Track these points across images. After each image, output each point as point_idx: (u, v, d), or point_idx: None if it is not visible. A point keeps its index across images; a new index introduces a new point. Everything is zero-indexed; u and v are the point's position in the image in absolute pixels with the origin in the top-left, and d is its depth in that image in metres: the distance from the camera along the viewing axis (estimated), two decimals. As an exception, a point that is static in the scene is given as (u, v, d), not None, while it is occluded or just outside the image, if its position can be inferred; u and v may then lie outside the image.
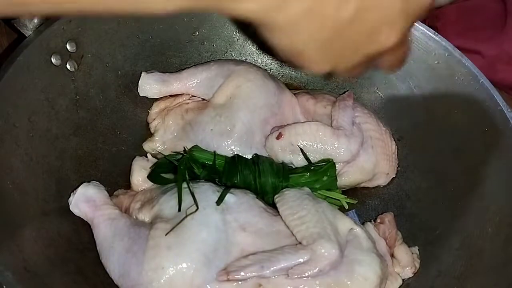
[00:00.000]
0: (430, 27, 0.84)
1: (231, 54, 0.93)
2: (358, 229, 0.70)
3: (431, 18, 1.01)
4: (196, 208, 0.67)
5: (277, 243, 0.67)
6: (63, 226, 0.70)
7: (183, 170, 0.74)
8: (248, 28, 0.47)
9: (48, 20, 0.74)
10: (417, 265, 0.75)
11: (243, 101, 0.82)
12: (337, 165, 0.79)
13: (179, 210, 0.68)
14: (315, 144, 0.79)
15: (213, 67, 0.86)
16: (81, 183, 0.73)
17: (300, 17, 0.45)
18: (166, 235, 0.65)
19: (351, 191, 0.84)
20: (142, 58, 0.86)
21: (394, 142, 0.85)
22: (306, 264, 0.64)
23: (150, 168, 0.77)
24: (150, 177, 0.76)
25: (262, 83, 0.84)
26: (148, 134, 0.86)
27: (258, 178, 0.76)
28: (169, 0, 0.42)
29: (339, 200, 0.79)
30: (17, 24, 0.73)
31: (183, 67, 0.89)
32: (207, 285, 0.64)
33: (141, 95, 0.85)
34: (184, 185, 0.70)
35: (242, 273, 0.64)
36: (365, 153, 0.81)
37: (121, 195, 0.76)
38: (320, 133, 0.79)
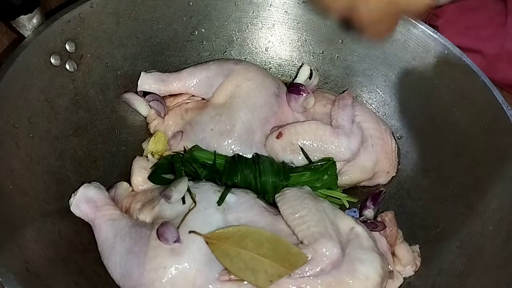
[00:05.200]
0: (431, 26, 0.84)
1: (230, 53, 0.93)
2: (359, 228, 0.70)
3: (431, 17, 1.01)
4: (194, 204, 0.68)
5: (279, 242, 0.67)
6: (64, 226, 0.70)
7: (179, 167, 0.75)
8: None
9: (47, 21, 0.74)
10: (418, 264, 0.76)
11: (243, 100, 0.82)
12: (337, 164, 0.79)
13: (184, 202, 0.68)
14: (315, 143, 0.79)
15: (212, 66, 0.86)
16: (82, 184, 0.73)
17: None
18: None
19: (352, 189, 0.84)
20: (142, 58, 0.86)
21: (394, 140, 0.85)
22: (307, 263, 0.64)
23: (150, 168, 0.77)
24: (151, 177, 0.76)
25: (261, 82, 0.84)
26: (148, 134, 0.85)
27: (258, 177, 0.76)
28: None
29: (339, 199, 0.80)
30: (16, 25, 0.72)
31: (183, 67, 0.89)
32: (209, 285, 0.64)
33: (140, 95, 0.85)
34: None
35: (244, 273, 0.64)
36: (365, 151, 0.81)
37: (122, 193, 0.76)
38: (320, 132, 0.79)
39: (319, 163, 0.79)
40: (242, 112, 0.81)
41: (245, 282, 0.64)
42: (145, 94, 0.84)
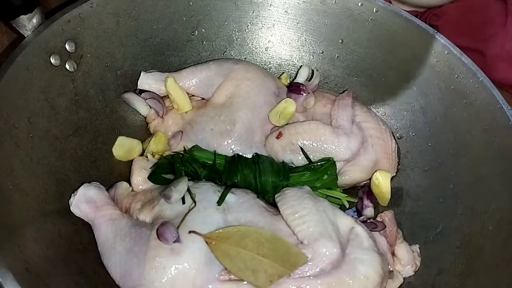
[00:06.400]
0: (431, 26, 0.84)
1: (230, 53, 0.93)
2: (359, 228, 0.70)
3: (431, 17, 1.01)
4: (194, 204, 0.68)
5: (279, 242, 0.67)
6: (63, 226, 0.70)
7: (179, 167, 0.75)
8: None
9: (47, 20, 0.74)
10: (418, 264, 0.76)
11: (243, 100, 0.82)
12: (337, 164, 0.79)
13: (183, 202, 0.68)
14: (315, 143, 0.79)
15: (212, 66, 0.86)
16: (81, 184, 0.73)
17: None
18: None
19: (352, 189, 0.84)
20: (141, 58, 0.86)
21: (394, 140, 0.85)
22: (307, 263, 0.64)
23: (150, 168, 0.77)
24: (151, 177, 0.76)
25: (261, 81, 0.84)
26: (148, 134, 0.85)
27: (258, 177, 0.76)
28: None
29: (339, 198, 0.80)
30: (16, 24, 0.72)
31: (182, 67, 0.89)
32: (209, 285, 0.64)
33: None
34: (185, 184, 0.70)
35: (244, 273, 0.64)
36: (365, 151, 0.81)
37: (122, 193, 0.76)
38: (320, 132, 0.79)
39: (319, 163, 0.79)
40: (242, 112, 0.81)
41: (245, 282, 0.64)
42: (141, 92, 0.84)
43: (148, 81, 0.85)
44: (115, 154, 0.81)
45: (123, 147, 0.81)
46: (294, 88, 0.84)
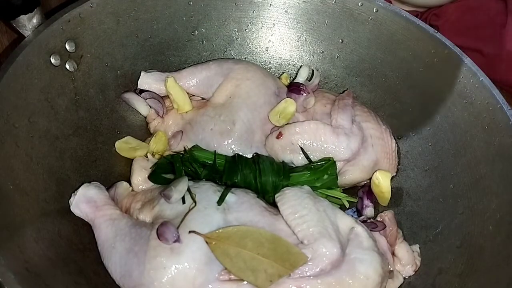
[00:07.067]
0: (431, 26, 0.84)
1: (230, 53, 0.93)
2: (359, 228, 0.70)
3: (431, 17, 1.01)
4: (194, 204, 0.68)
5: (279, 242, 0.67)
6: (63, 226, 0.70)
7: (179, 167, 0.75)
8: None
9: (47, 20, 0.74)
10: (418, 263, 0.76)
11: (243, 100, 0.82)
12: (337, 164, 0.79)
13: (184, 202, 0.68)
14: (315, 143, 0.79)
15: (212, 66, 0.86)
16: (81, 184, 0.73)
17: None
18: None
19: (352, 189, 0.84)
20: (142, 58, 0.86)
21: (394, 140, 0.85)
22: (307, 263, 0.64)
23: (150, 168, 0.77)
24: (151, 177, 0.76)
25: (261, 81, 0.84)
26: (148, 134, 0.85)
27: (258, 177, 0.76)
28: None
29: (339, 198, 0.80)
30: (16, 24, 0.72)
31: (183, 67, 0.89)
32: (209, 285, 0.64)
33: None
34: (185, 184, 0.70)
35: (244, 273, 0.64)
36: (365, 151, 0.81)
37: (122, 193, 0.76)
38: (320, 132, 0.79)
39: (319, 163, 0.79)
40: (242, 112, 0.81)
41: (245, 282, 0.64)
42: (141, 91, 0.84)
43: (148, 81, 0.85)
44: (117, 147, 0.81)
45: (128, 144, 0.81)
46: (294, 88, 0.84)
